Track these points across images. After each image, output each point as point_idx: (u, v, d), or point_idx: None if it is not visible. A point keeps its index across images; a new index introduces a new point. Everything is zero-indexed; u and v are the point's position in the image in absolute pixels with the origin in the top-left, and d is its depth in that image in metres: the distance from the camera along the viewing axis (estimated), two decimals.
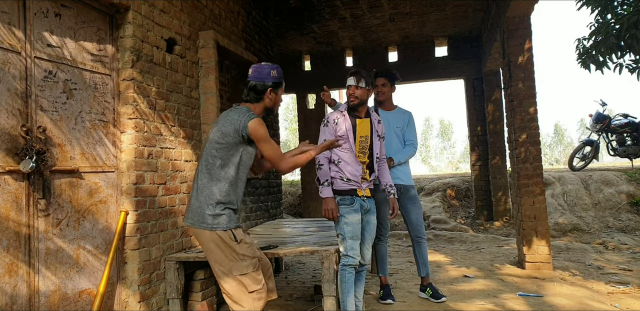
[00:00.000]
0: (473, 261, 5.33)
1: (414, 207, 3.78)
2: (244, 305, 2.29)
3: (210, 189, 2.31)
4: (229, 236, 2.29)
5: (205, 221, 2.29)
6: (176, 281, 3.23)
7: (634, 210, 7.25)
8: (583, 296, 3.74)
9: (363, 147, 3.06)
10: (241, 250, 2.31)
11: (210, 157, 2.34)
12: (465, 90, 8.31)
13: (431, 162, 53.61)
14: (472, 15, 7.04)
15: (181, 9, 3.72)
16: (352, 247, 2.95)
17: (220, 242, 2.29)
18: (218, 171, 2.32)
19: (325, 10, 6.65)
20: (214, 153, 2.34)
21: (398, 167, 3.75)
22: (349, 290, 2.96)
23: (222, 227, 2.29)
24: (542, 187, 4.73)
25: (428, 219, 8.24)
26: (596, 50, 4.93)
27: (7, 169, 2.27)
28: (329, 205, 2.95)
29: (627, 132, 8.25)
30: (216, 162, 2.32)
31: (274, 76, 2.43)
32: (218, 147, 2.33)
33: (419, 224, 3.80)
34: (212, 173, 2.32)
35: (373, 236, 3.16)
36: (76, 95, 2.77)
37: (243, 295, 2.30)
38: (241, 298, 2.30)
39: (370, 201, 3.11)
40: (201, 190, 2.33)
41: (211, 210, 2.29)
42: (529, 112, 4.78)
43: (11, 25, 2.37)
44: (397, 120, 3.83)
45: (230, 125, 2.32)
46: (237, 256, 2.30)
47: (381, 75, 3.79)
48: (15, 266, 2.30)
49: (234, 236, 2.30)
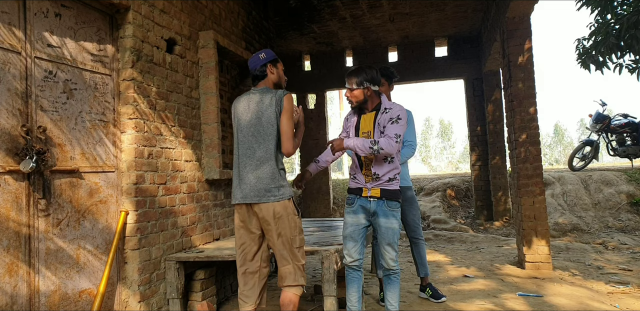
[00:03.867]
0: (473, 261, 5.33)
1: (410, 208, 3.77)
2: (297, 278, 2.53)
3: (269, 163, 2.53)
4: (293, 207, 2.56)
5: (272, 194, 2.50)
6: (176, 281, 3.23)
7: (633, 210, 7.26)
8: (583, 296, 3.74)
9: None
10: (300, 224, 2.59)
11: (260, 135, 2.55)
12: (465, 90, 8.32)
13: (431, 162, 53.63)
14: (472, 15, 7.04)
15: (181, 9, 3.72)
16: (345, 247, 2.96)
17: (288, 212, 2.52)
18: (270, 146, 2.54)
19: (325, 11, 6.65)
20: (266, 131, 2.55)
21: None
22: (349, 287, 2.97)
23: (288, 196, 2.54)
24: (542, 187, 4.73)
25: (428, 219, 8.24)
26: (596, 50, 4.93)
27: (7, 169, 2.27)
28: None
29: (627, 132, 8.25)
30: (268, 138, 2.54)
31: (264, 57, 2.69)
32: (267, 123, 2.54)
33: (416, 225, 3.80)
34: (267, 149, 2.54)
35: (388, 241, 2.86)
36: (76, 95, 2.77)
37: (296, 269, 2.54)
38: (295, 271, 2.54)
39: (378, 203, 2.85)
40: (259, 166, 2.53)
41: (274, 182, 2.51)
42: (529, 112, 4.78)
43: (11, 25, 2.37)
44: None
45: (270, 102, 2.55)
46: (298, 230, 2.57)
47: None
48: (15, 266, 2.30)
49: (297, 209, 2.59)
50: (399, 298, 2.99)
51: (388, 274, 2.94)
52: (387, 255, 2.89)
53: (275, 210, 2.49)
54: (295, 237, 2.55)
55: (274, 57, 2.73)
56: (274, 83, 2.74)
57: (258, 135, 2.56)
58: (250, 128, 2.59)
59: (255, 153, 2.55)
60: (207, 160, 3.92)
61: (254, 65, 2.69)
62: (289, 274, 2.54)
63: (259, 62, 2.68)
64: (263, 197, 2.49)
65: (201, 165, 3.91)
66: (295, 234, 2.55)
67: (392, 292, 2.94)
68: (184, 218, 3.59)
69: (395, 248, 2.88)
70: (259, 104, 2.59)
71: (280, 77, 2.76)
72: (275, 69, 2.73)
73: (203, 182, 3.93)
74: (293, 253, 2.54)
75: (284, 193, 2.52)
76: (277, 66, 2.74)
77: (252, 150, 2.56)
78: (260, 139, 2.55)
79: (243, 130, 2.62)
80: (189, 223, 3.66)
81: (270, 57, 2.71)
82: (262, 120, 2.55)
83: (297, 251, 2.56)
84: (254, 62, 2.70)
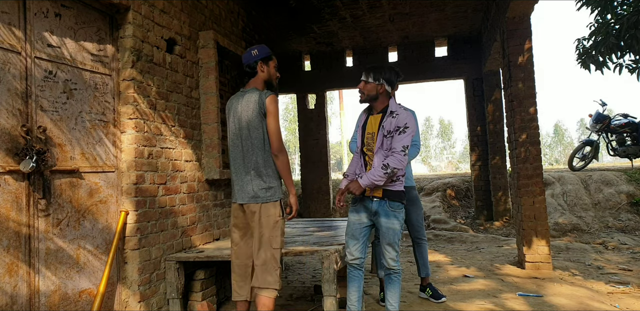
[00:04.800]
0: (473, 261, 5.33)
1: (414, 207, 3.78)
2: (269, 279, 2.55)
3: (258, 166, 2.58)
4: (279, 210, 2.60)
5: (260, 195, 2.57)
6: (176, 281, 3.23)
7: (633, 210, 7.26)
8: (583, 296, 3.74)
9: (369, 144, 2.94)
10: (283, 227, 2.63)
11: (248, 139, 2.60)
12: (465, 90, 8.32)
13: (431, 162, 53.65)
14: (472, 15, 7.03)
15: (181, 9, 3.72)
16: (347, 245, 2.99)
17: (273, 213, 2.57)
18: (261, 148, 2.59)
19: (325, 11, 6.65)
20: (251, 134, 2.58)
21: None
22: (350, 286, 2.98)
23: (275, 198, 2.59)
24: (542, 187, 4.73)
25: (428, 219, 8.24)
26: (596, 50, 4.93)
27: (7, 169, 2.27)
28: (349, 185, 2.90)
29: (627, 132, 8.25)
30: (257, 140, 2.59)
31: (256, 54, 2.69)
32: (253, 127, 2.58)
33: (419, 225, 3.80)
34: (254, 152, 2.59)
35: (388, 241, 2.87)
36: (76, 95, 2.77)
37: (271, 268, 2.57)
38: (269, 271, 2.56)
39: (380, 203, 2.84)
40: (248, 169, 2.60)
41: (263, 184, 2.58)
42: (529, 112, 4.78)
43: (11, 26, 2.37)
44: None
45: (254, 105, 2.57)
46: (280, 232, 2.59)
47: None
48: (15, 266, 2.30)
49: (282, 211, 2.62)
50: (400, 298, 2.99)
51: (389, 274, 2.94)
52: (388, 254, 2.90)
53: (262, 210, 2.58)
54: (276, 237, 2.58)
55: (266, 54, 2.72)
56: (265, 81, 2.74)
57: (246, 138, 2.60)
58: (238, 131, 2.64)
59: (244, 157, 2.61)
60: (207, 160, 3.92)
61: (245, 61, 2.71)
62: (260, 273, 2.57)
63: (250, 58, 2.69)
64: (252, 198, 2.59)
65: (201, 165, 3.91)
66: (276, 235, 2.58)
67: (392, 292, 2.94)
68: (184, 218, 3.59)
69: (396, 248, 2.89)
70: (244, 108, 2.61)
71: (272, 74, 2.76)
72: (266, 67, 2.72)
73: (203, 182, 3.93)
74: (270, 253, 2.57)
75: (272, 195, 2.59)
76: (269, 64, 2.74)
77: (241, 154, 2.62)
78: (249, 142, 2.60)
79: (233, 134, 2.68)
80: (189, 223, 3.66)
81: (262, 54, 2.70)
82: (248, 125, 2.59)
83: (276, 252, 2.58)
84: (246, 58, 2.71)
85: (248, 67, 2.71)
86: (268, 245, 2.57)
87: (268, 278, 2.55)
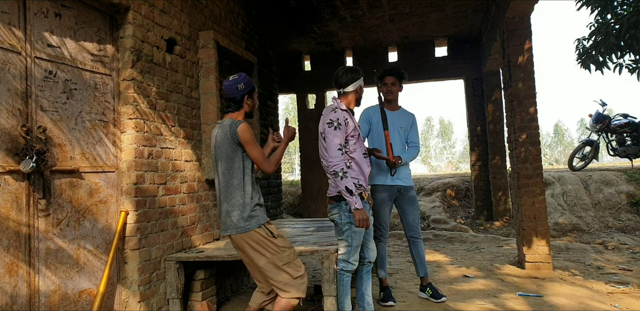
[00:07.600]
0: (473, 261, 5.33)
1: (411, 207, 3.77)
2: (292, 291, 2.54)
3: (236, 197, 2.54)
4: (265, 232, 2.53)
5: (239, 226, 2.51)
6: (176, 281, 3.23)
7: (633, 210, 7.26)
8: (583, 296, 3.74)
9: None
10: (280, 243, 2.57)
11: (224, 170, 2.57)
12: (465, 90, 8.32)
13: (431, 161, 53.65)
14: (472, 15, 7.03)
15: (181, 9, 3.72)
16: (355, 255, 3.00)
17: (260, 240, 2.52)
18: (233, 179, 2.55)
19: (325, 11, 6.65)
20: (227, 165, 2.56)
21: (399, 167, 3.75)
22: (346, 293, 3.01)
23: (256, 225, 2.52)
24: (542, 187, 4.73)
25: (428, 219, 8.25)
26: (596, 50, 4.94)
27: (7, 169, 2.27)
28: (363, 215, 2.83)
29: (627, 132, 8.25)
30: (230, 172, 2.55)
31: (242, 88, 2.63)
32: (226, 158, 2.56)
33: (416, 225, 3.80)
34: (230, 183, 2.55)
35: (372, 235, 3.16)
36: (76, 95, 2.77)
37: (290, 282, 2.54)
38: (289, 285, 2.54)
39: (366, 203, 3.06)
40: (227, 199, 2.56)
41: (241, 214, 2.52)
42: (529, 112, 4.78)
43: (11, 25, 2.37)
44: (401, 121, 3.80)
45: (225, 136, 2.55)
46: (278, 249, 2.55)
47: (391, 74, 3.69)
48: (15, 266, 2.30)
49: (270, 232, 2.55)
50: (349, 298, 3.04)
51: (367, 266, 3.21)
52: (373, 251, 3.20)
53: (245, 240, 2.54)
54: (277, 256, 2.54)
55: (251, 87, 2.67)
56: (246, 113, 2.70)
57: (224, 170, 2.57)
58: (215, 163, 2.64)
59: (223, 187, 2.58)
60: (207, 160, 3.92)
61: (230, 94, 2.62)
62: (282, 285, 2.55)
63: (236, 92, 2.61)
64: (232, 229, 2.54)
65: (201, 165, 3.91)
66: (276, 253, 2.54)
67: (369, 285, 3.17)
68: (184, 218, 3.59)
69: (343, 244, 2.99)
70: (219, 140, 2.58)
71: (253, 106, 2.72)
72: (251, 100, 2.68)
73: (203, 182, 3.93)
74: (280, 270, 2.54)
75: (250, 224, 2.51)
76: (253, 95, 2.69)
77: (220, 184, 2.59)
78: (226, 173, 2.56)
79: (213, 165, 2.68)
80: (189, 223, 3.66)
81: (248, 87, 2.64)
82: (224, 156, 2.56)
83: (287, 267, 2.55)
84: (231, 91, 2.62)
85: (232, 101, 2.64)
86: (273, 269, 2.54)
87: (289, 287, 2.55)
